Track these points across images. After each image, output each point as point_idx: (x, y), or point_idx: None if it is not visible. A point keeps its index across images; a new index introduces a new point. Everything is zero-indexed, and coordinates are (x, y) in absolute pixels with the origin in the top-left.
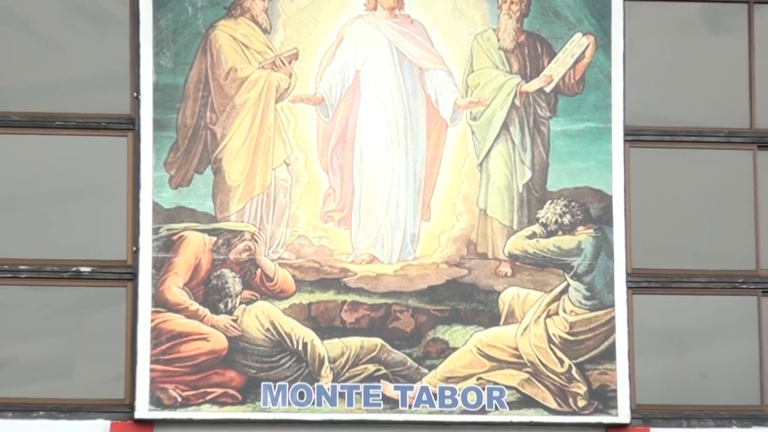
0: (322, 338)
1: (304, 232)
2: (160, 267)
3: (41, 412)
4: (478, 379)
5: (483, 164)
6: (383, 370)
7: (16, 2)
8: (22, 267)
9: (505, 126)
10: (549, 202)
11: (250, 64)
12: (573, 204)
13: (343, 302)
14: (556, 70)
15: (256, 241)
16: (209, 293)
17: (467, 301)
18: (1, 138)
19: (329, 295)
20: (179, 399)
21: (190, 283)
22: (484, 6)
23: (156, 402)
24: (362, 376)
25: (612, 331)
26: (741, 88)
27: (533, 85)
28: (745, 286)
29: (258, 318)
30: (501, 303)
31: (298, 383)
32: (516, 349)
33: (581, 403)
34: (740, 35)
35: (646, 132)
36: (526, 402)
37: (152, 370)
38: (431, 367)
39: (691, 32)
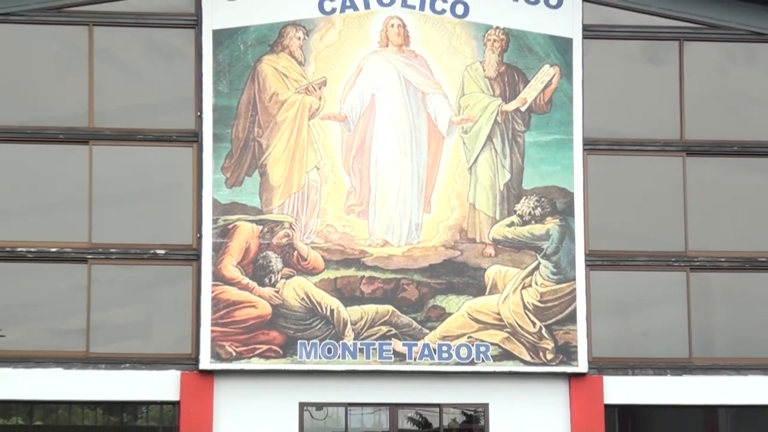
0: (346, 305)
1: (331, 221)
2: (219, 250)
3: (127, 364)
4: (468, 337)
5: (472, 168)
6: (394, 331)
7: (110, 43)
8: (112, 250)
9: (490, 138)
10: (524, 197)
11: (289, 90)
12: (543, 199)
13: (362, 277)
14: (529, 93)
15: (293, 229)
16: (257, 270)
17: (460, 276)
18: (96, 149)
19: (351, 272)
20: (234, 353)
21: (242, 262)
22: (472, 43)
23: (216, 356)
24: (377, 335)
25: (573, 299)
26: (673, 108)
27: (511, 106)
28: (676, 264)
29: (295, 290)
30: (486, 277)
31: (327, 341)
32: (498, 313)
33: (549, 356)
34: (673, 66)
35: (600, 142)
36: (506, 355)
37: (213, 331)
38: (431, 328)
39: (634, 64)
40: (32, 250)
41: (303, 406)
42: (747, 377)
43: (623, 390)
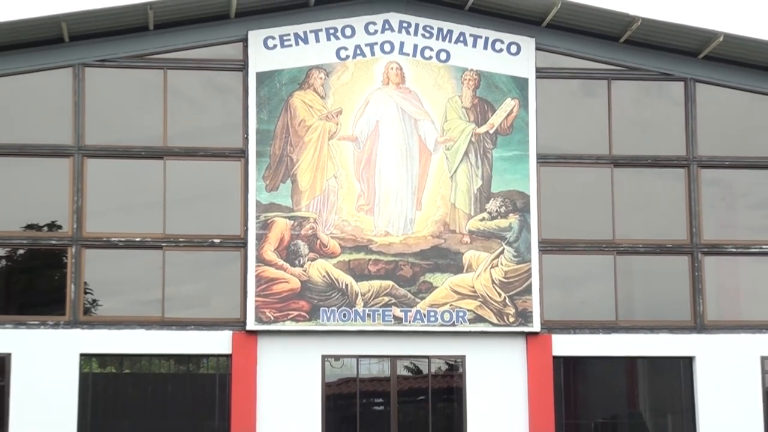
0: (357, 281)
1: (345, 217)
2: (260, 239)
3: (192, 326)
4: (451, 305)
5: (453, 176)
6: (393, 300)
7: (179, 82)
8: (181, 239)
9: (466, 154)
10: (492, 199)
11: (313, 117)
12: (506, 200)
13: (369, 259)
14: (496, 120)
15: (317, 223)
16: (289, 254)
17: (444, 258)
18: (168, 162)
19: (361, 255)
20: (272, 318)
21: (278, 248)
22: (453, 82)
23: (258, 320)
24: (381, 303)
25: (530, 276)
26: (603, 130)
27: (482, 129)
28: (606, 249)
29: (318, 269)
30: (464, 259)
31: (343, 308)
32: (473, 287)
33: (511, 319)
34: (603, 99)
35: (549, 157)
36: (478, 319)
37: (256, 301)
38: (422, 298)
39: (575, 98)
40: (122, 239)
41: (324, 357)
42: (658, 335)
43: (567, 345)
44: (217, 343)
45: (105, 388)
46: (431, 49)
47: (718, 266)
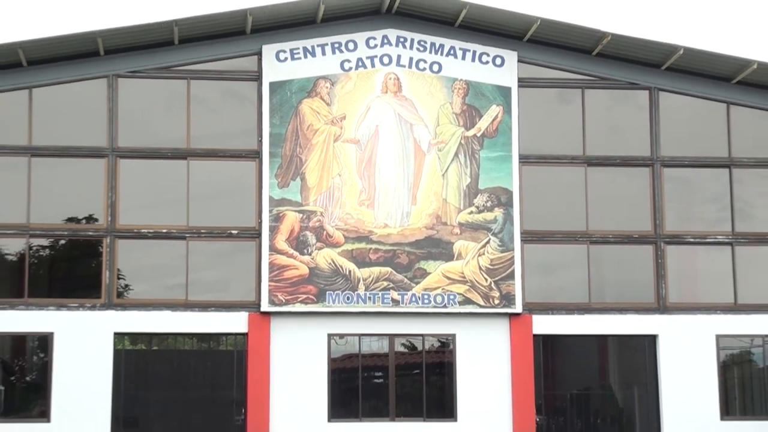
0: (359, 268)
1: (349, 211)
2: (273, 230)
3: (213, 308)
4: (443, 289)
5: (444, 174)
6: (392, 285)
7: (201, 91)
8: (202, 231)
9: (456, 154)
10: (479, 194)
11: (320, 122)
12: (492, 196)
13: (370, 249)
14: (482, 124)
15: (323, 216)
16: (299, 244)
17: (436, 247)
18: (192, 162)
19: (362, 245)
20: (284, 300)
21: (288, 238)
22: (444, 90)
23: (271, 302)
24: (380, 287)
25: (513, 263)
26: (578, 134)
27: (471, 133)
28: (581, 239)
29: (324, 257)
30: (454, 248)
31: (346, 291)
32: (462, 273)
33: (496, 301)
34: (577, 106)
35: (530, 157)
36: (467, 301)
37: (269, 285)
38: (417, 283)
39: (552, 105)
40: (150, 231)
41: (330, 336)
42: (626, 315)
43: (546, 324)
44: (234, 322)
45: (136, 362)
46: (425, 62)
47: (678, 254)
